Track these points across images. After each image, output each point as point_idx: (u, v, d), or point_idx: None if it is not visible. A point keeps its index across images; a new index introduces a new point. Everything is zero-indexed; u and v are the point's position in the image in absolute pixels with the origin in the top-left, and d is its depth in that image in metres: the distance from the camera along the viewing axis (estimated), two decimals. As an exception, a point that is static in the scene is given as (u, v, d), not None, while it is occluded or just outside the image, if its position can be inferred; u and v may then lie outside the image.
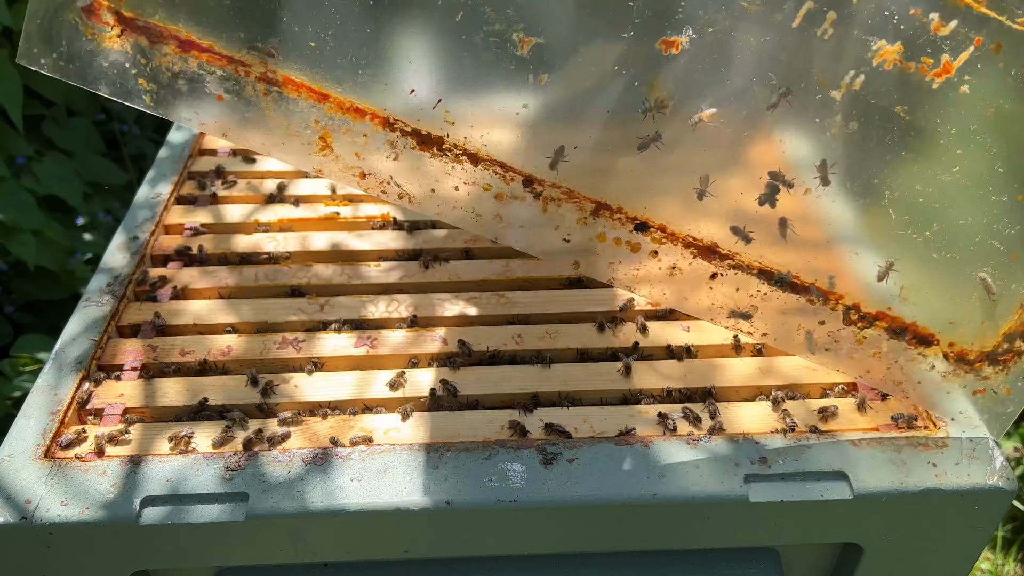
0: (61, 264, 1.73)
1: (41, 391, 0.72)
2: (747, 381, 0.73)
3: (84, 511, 0.62)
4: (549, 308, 0.81)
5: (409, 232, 0.91)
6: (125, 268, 0.84)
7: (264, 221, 0.92)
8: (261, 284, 0.84)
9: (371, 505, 0.63)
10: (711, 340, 0.77)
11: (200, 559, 0.65)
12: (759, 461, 0.65)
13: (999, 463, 0.65)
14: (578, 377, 0.74)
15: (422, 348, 0.77)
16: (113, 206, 2.06)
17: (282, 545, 0.64)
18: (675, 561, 0.70)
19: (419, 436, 0.68)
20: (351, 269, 0.86)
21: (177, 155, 1.01)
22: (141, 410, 0.71)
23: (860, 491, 0.63)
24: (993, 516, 0.66)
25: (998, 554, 1.94)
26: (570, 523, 0.65)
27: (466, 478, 0.64)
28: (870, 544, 0.68)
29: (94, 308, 0.80)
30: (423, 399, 0.72)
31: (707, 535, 0.66)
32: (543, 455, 0.66)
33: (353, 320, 0.80)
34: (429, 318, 0.80)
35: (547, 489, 0.63)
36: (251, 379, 0.73)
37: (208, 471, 0.65)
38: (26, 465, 0.65)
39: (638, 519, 0.65)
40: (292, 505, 0.62)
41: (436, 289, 0.84)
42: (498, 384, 0.73)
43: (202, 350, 0.76)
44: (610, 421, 0.70)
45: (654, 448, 0.66)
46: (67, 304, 1.80)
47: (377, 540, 0.65)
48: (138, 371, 0.75)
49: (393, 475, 0.64)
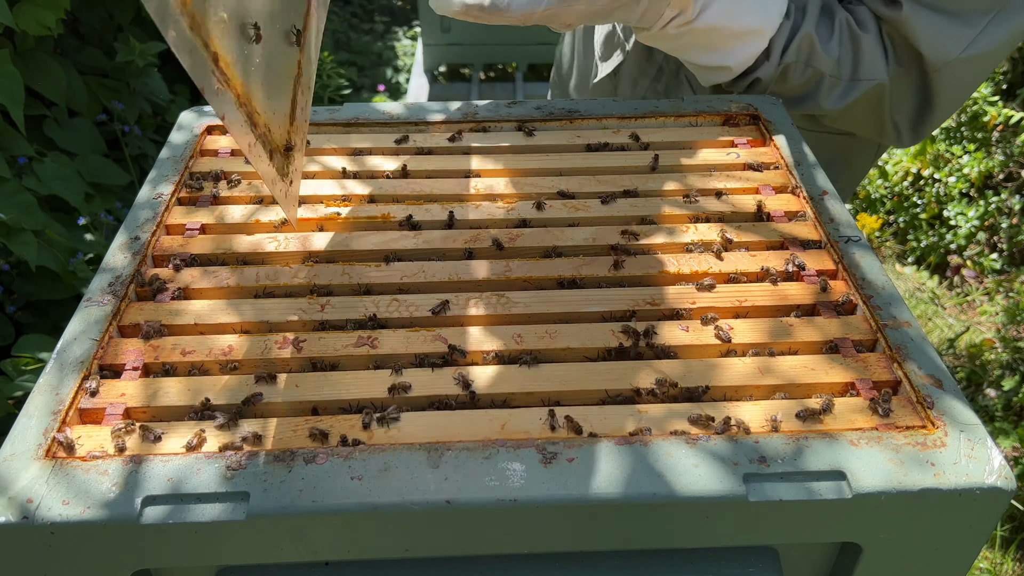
0: (62, 264, 1.74)
1: (42, 391, 0.72)
2: (746, 381, 0.74)
3: (85, 510, 0.62)
4: (549, 308, 0.81)
5: (410, 232, 0.91)
6: (126, 268, 0.85)
7: (265, 221, 0.92)
8: (261, 284, 0.84)
9: (371, 504, 0.63)
10: (711, 340, 0.78)
11: (201, 558, 0.66)
12: (758, 461, 0.66)
13: (997, 463, 0.65)
14: (578, 377, 0.74)
15: (422, 348, 0.77)
16: (114, 206, 2.07)
17: (283, 544, 0.65)
18: (674, 560, 0.71)
19: (419, 436, 0.69)
20: (351, 269, 0.86)
21: (178, 155, 1.02)
22: (143, 410, 0.72)
23: (858, 491, 0.64)
24: (991, 515, 0.66)
25: (996, 553, 1.94)
26: (570, 523, 0.65)
27: (466, 477, 0.64)
28: (869, 543, 0.68)
29: (95, 308, 0.80)
30: (423, 399, 0.73)
31: (706, 534, 0.66)
32: (543, 455, 0.66)
33: (353, 320, 0.80)
34: (429, 318, 0.81)
35: (547, 488, 0.64)
36: (257, 378, 0.73)
37: (209, 470, 0.65)
38: (27, 464, 0.66)
39: (637, 518, 0.65)
40: (293, 504, 0.63)
41: (436, 289, 0.85)
42: (498, 384, 0.73)
43: (203, 350, 0.77)
44: (610, 421, 0.70)
45: (653, 448, 0.67)
46: (68, 304, 1.81)
47: (377, 539, 0.65)
48: (139, 371, 0.75)
49: (393, 475, 0.65)
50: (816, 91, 1.09)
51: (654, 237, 0.90)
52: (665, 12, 0.99)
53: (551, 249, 0.89)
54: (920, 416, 0.70)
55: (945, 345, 2.52)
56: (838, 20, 1.06)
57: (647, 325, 0.78)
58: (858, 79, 1.07)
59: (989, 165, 2.81)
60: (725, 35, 1.03)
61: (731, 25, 1.01)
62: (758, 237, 0.90)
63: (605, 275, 0.85)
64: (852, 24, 1.06)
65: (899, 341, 0.76)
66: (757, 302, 0.82)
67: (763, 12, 1.03)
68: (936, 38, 1.01)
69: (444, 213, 0.93)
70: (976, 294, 2.70)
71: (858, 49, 1.06)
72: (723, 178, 0.99)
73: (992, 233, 2.79)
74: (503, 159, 1.02)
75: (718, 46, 1.04)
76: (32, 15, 1.72)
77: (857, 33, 1.06)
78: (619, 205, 0.95)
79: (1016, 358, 2.39)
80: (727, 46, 1.04)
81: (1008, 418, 2.23)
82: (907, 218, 2.97)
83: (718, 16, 1.00)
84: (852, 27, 1.06)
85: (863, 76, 1.07)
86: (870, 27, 1.06)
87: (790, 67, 1.07)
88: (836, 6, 1.08)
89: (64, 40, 2.19)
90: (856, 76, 1.07)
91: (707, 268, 0.86)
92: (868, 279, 0.83)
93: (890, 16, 1.03)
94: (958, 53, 1.02)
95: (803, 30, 1.05)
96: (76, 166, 1.90)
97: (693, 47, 1.05)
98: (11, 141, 1.76)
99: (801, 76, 1.08)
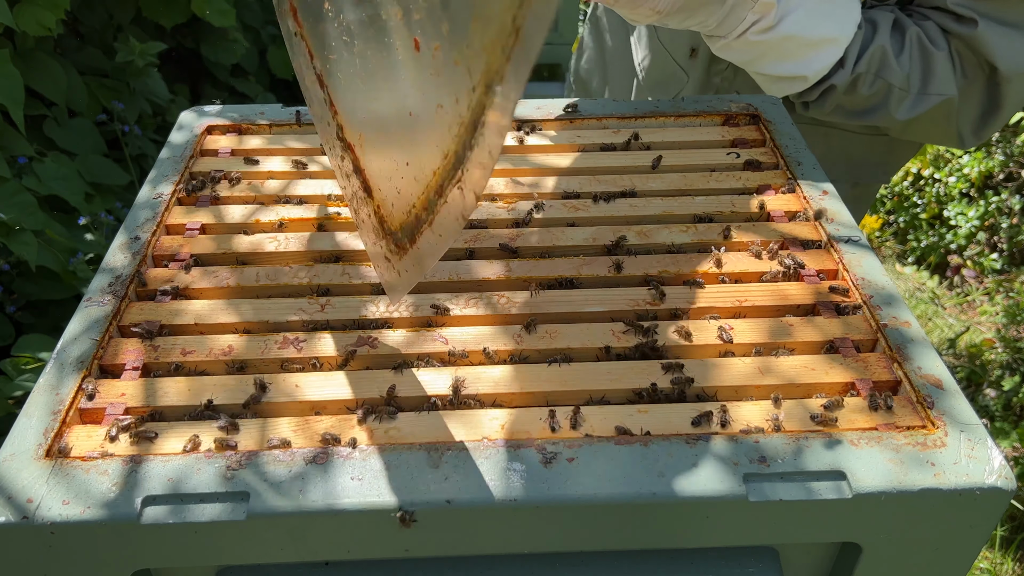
0: (63, 264, 1.74)
1: (42, 390, 0.72)
2: (746, 381, 0.74)
3: (85, 510, 0.62)
4: (549, 308, 0.81)
5: (409, 232, 0.91)
6: (126, 268, 0.85)
7: (265, 221, 0.92)
8: (262, 284, 0.84)
9: (371, 504, 0.63)
10: (710, 340, 0.78)
11: (201, 558, 0.66)
12: (758, 461, 0.66)
13: (997, 463, 0.65)
14: (578, 377, 0.74)
15: (422, 348, 0.77)
16: (114, 206, 2.07)
17: (283, 544, 0.65)
18: (674, 560, 0.71)
19: (419, 436, 0.69)
20: (351, 269, 0.86)
21: (178, 155, 1.02)
22: (142, 409, 0.72)
23: (858, 490, 0.64)
24: (991, 515, 0.66)
25: (996, 553, 1.94)
26: (570, 523, 0.65)
27: (466, 477, 0.64)
28: (869, 543, 0.68)
29: (95, 308, 0.80)
30: (423, 399, 0.73)
31: (706, 534, 0.66)
32: (543, 455, 0.66)
33: (353, 320, 0.80)
34: (430, 318, 0.81)
35: (547, 489, 0.64)
36: (256, 378, 0.73)
37: (209, 470, 0.65)
38: (27, 464, 0.66)
39: (637, 518, 0.65)
40: (293, 504, 0.63)
41: (436, 289, 0.85)
42: (498, 384, 0.73)
43: (203, 350, 0.77)
44: (610, 421, 0.70)
45: (653, 448, 0.67)
46: (69, 304, 1.80)
47: (377, 539, 0.65)
48: (139, 371, 0.75)
49: (393, 475, 0.65)
50: (884, 103, 1.10)
51: (654, 237, 0.90)
52: (747, 16, 0.99)
53: (551, 249, 0.89)
54: (920, 416, 0.70)
55: (945, 345, 2.52)
56: (909, 35, 1.07)
57: (647, 325, 0.78)
58: (927, 93, 1.08)
59: (989, 165, 2.81)
60: (802, 44, 1.03)
61: (809, 34, 1.02)
62: (758, 237, 0.90)
63: (605, 275, 0.85)
64: (924, 40, 1.07)
65: (899, 341, 0.76)
66: (757, 302, 0.82)
67: (840, 21, 1.03)
68: (1011, 51, 1.03)
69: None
70: (976, 294, 2.70)
71: (928, 64, 1.07)
72: (723, 178, 0.99)
73: (992, 233, 2.79)
74: (503, 159, 1.02)
75: (794, 55, 1.05)
76: (32, 15, 1.72)
77: (929, 49, 1.07)
78: (619, 205, 0.95)
79: (1016, 358, 2.39)
80: (803, 55, 1.04)
81: (1008, 418, 2.23)
82: (907, 218, 2.97)
83: (797, 24, 1.01)
84: (924, 43, 1.07)
85: (932, 91, 1.08)
86: (941, 44, 1.07)
87: (860, 77, 1.07)
88: (907, 22, 1.09)
89: (64, 40, 2.19)
90: (926, 90, 1.08)
91: (707, 268, 0.86)
92: (868, 279, 0.83)
93: (964, 33, 1.04)
94: None
95: (876, 42, 1.06)
96: (76, 166, 1.90)
97: (768, 57, 1.05)
98: (11, 141, 1.76)
99: (870, 88, 1.09)
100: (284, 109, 1.11)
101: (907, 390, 0.73)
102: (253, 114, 1.10)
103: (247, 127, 1.08)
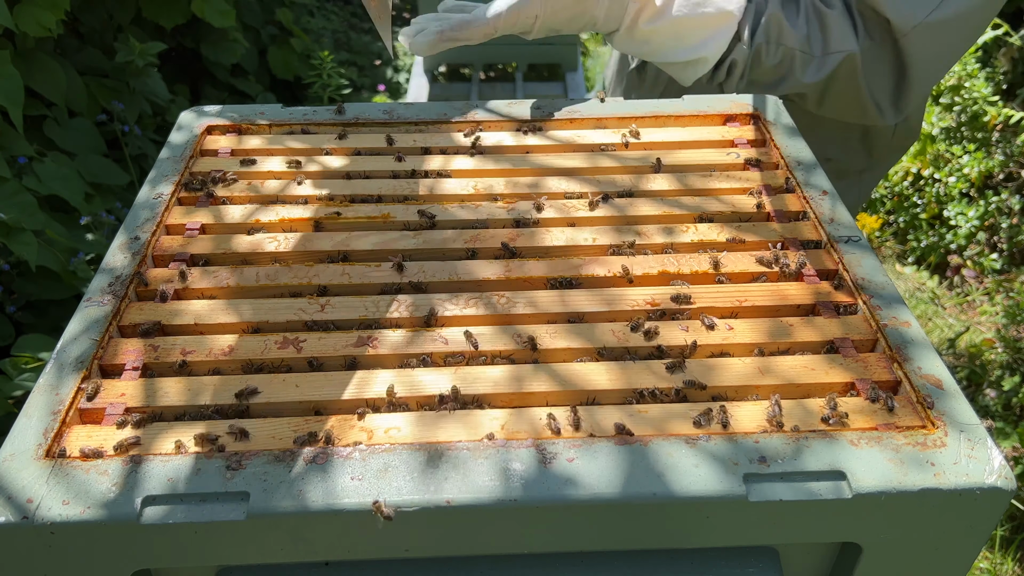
0: (63, 264, 1.74)
1: (42, 390, 0.72)
2: (746, 381, 0.74)
3: (85, 510, 0.62)
4: (549, 308, 0.81)
5: (410, 232, 0.91)
6: (126, 268, 0.85)
7: (264, 221, 0.92)
8: (262, 284, 0.84)
9: (371, 504, 0.63)
10: (709, 340, 0.78)
11: (201, 558, 0.66)
12: (758, 461, 0.66)
13: (997, 463, 0.65)
14: (578, 377, 0.74)
15: (423, 348, 0.77)
16: (115, 206, 2.07)
17: (283, 544, 0.65)
18: (674, 560, 0.71)
19: (419, 436, 0.69)
20: (351, 269, 0.86)
21: (178, 155, 1.02)
22: (143, 409, 0.72)
23: (858, 491, 0.64)
24: (991, 515, 0.66)
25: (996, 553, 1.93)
26: (570, 523, 0.65)
27: (466, 478, 0.64)
28: (869, 543, 0.68)
29: (95, 308, 0.80)
30: (423, 399, 0.73)
31: (706, 534, 0.66)
32: (543, 455, 0.66)
33: (353, 320, 0.80)
34: (430, 318, 0.81)
35: (547, 489, 0.64)
36: (256, 379, 0.73)
37: (209, 470, 0.65)
38: (27, 464, 0.66)
39: (637, 518, 0.65)
40: (293, 504, 0.63)
41: (436, 289, 0.85)
42: (498, 384, 0.73)
43: (203, 350, 0.77)
44: (610, 421, 0.70)
45: (653, 448, 0.67)
46: (69, 304, 1.81)
47: (377, 539, 0.65)
48: (139, 371, 0.75)
49: (393, 475, 0.65)
50: (790, 70, 1.13)
51: (654, 237, 0.90)
52: (629, 7, 1.01)
53: (551, 249, 0.89)
54: (920, 416, 0.70)
55: (945, 345, 2.52)
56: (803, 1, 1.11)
57: (647, 325, 0.78)
58: (829, 52, 1.10)
59: (989, 165, 2.81)
60: (694, 25, 1.06)
61: (699, 13, 1.04)
62: (758, 237, 0.90)
63: (605, 275, 0.85)
64: (816, 2, 1.10)
65: (899, 341, 0.76)
66: (757, 302, 0.82)
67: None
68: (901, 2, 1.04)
69: (445, 213, 0.93)
70: (976, 294, 2.70)
71: (824, 24, 1.10)
72: (723, 178, 0.99)
73: (992, 233, 2.79)
74: (503, 159, 1.02)
75: (689, 39, 1.07)
76: (32, 16, 1.72)
77: (822, 10, 1.10)
78: (619, 205, 0.95)
79: (1016, 358, 2.39)
80: (698, 37, 1.07)
81: (1008, 418, 2.23)
82: (907, 218, 2.97)
83: (685, 6, 1.04)
84: (816, 5, 1.10)
85: (833, 49, 1.10)
86: (835, 3, 1.10)
87: (761, 48, 1.10)
88: None
89: (64, 40, 2.19)
90: (827, 50, 1.10)
91: (707, 268, 0.86)
92: (868, 279, 0.83)
93: None
94: (924, 16, 1.05)
95: (768, 11, 1.09)
96: (76, 166, 1.90)
97: (666, 44, 1.08)
98: (11, 141, 1.76)
99: (773, 57, 1.11)
100: (284, 109, 1.11)
101: (907, 390, 0.73)
102: (253, 114, 1.10)
103: (247, 127, 1.08)
